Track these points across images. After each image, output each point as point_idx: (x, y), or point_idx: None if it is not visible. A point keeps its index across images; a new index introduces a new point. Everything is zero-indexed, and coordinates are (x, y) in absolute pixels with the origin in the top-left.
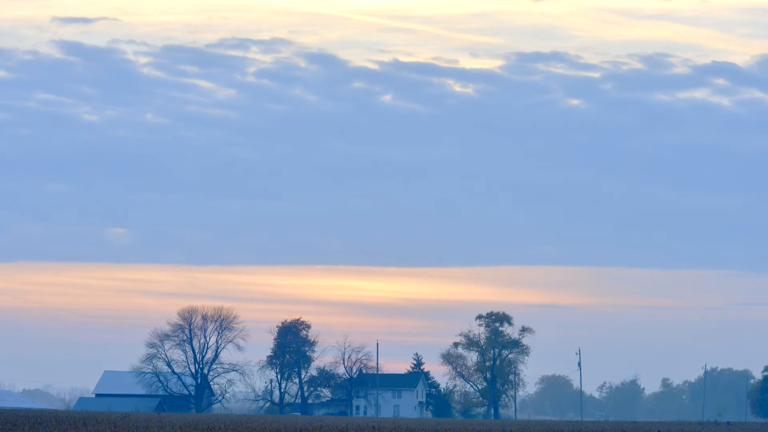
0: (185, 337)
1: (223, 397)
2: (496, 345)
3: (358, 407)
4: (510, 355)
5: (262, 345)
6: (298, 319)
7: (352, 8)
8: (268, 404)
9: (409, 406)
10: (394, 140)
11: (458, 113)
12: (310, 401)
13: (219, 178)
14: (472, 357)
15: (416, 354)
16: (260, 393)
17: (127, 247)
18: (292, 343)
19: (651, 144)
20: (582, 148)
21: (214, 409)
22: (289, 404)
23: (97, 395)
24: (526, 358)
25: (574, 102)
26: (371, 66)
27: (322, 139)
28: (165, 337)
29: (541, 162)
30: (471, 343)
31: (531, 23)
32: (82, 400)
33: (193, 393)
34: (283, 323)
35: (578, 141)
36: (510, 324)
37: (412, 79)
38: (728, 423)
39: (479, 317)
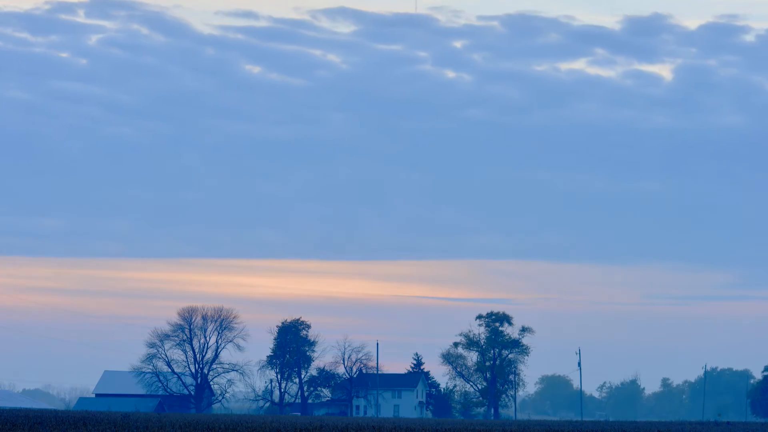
0: (185, 337)
1: (223, 397)
2: (496, 345)
3: (358, 407)
4: (510, 355)
5: (262, 345)
6: (298, 319)
7: None
8: (268, 404)
9: (409, 406)
10: (280, 117)
11: (334, 86)
12: (310, 401)
13: (112, 162)
14: (472, 357)
15: (416, 354)
16: (260, 393)
17: (63, 237)
18: (292, 343)
19: (550, 121)
20: (478, 126)
21: (214, 409)
22: (289, 404)
23: (97, 395)
24: (526, 358)
25: (450, 74)
26: (216, 33)
27: (201, 117)
28: (165, 337)
29: (445, 143)
30: (471, 343)
31: None
32: (82, 400)
33: (193, 393)
34: (283, 323)
35: (471, 118)
36: (510, 324)
37: (272, 48)
38: (728, 423)
39: (479, 317)
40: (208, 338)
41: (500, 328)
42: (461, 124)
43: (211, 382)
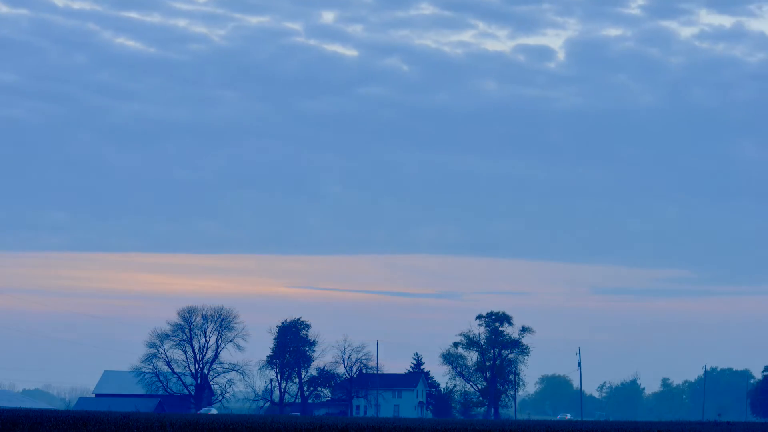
0: (185, 337)
1: (223, 397)
2: (496, 345)
3: (358, 407)
4: (510, 355)
5: (262, 345)
6: (298, 319)
7: None
8: (268, 404)
9: (409, 406)
10: (170, 96)
11: (215, 62)
12: (310, 401)
13: (14, 146)
14: (472, 357)
15: (416, 354)
16: (260, 393)
17: None
18: (292, 343)
19: (454, 100)
20: (381, 106)
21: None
22: (289, 404)
23: (97, 395)
24: (526, 357)
25: (330, 48)
26: (60, 2)
27: (89, 97)
28: (165, 336)
29: (354, 124)
30: (471, 342)
31: None
32: (82, 400)
33: (193, 393)
34: (283, 323)
35: (371, 96)
36: (510, 324)
37: (131, 19)
38: (728, 423)
39: (479, 317)
40: (208, 338)
41: (500, 328)
42: (362, 103)
43: (211, 382)
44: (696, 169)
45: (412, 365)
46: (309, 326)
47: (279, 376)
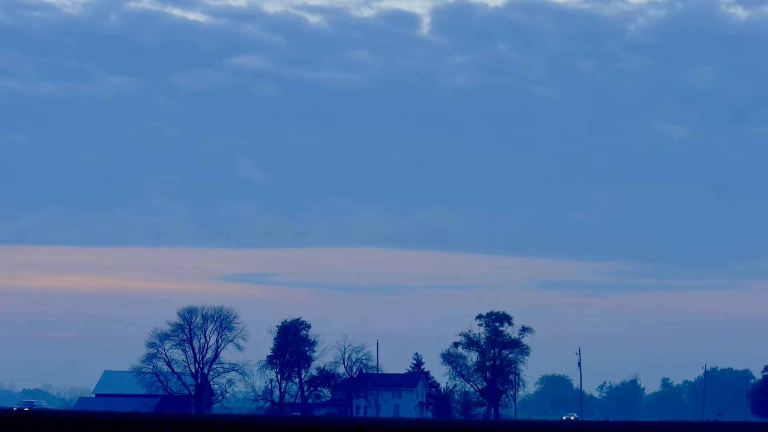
0: (185, 337)
1: (223, 397)
2: (496, 345)
3: (358, 407)
4: (510, 355)
5: (262, 345)
6: (298, 319)
7: None
8: (268, 404)
9: (409, 406)
10: (36, 71)
11: (69, 32)
12: (310, 401)
13: None
14: (472, 357)
15: (416, 354)
16: (260, 393)
17: None
18: (292, 343)
19: (340, 76)
20: (265, 80)
21: (214, 409)
22: (289, 404)
23: (97, 395)
24: (526, 357)
25: (179, 14)
26: None
27: None
28: (165, 336)
29: (249, 102)
30: (471, 342)
31: None
32: (82, 400)
33: (193, 393)
34: (283, 323)
35: (250, 69)
36: (510, 324)
37: None
38: (728, 423)
39: (479, 317)
40: (208, 338)
41: (500, 328)
42: (237, 76)
43: (211, 382)
44: (613, 150)
45: (412, 365)
46: (309, 326)
47: (279, 376)
